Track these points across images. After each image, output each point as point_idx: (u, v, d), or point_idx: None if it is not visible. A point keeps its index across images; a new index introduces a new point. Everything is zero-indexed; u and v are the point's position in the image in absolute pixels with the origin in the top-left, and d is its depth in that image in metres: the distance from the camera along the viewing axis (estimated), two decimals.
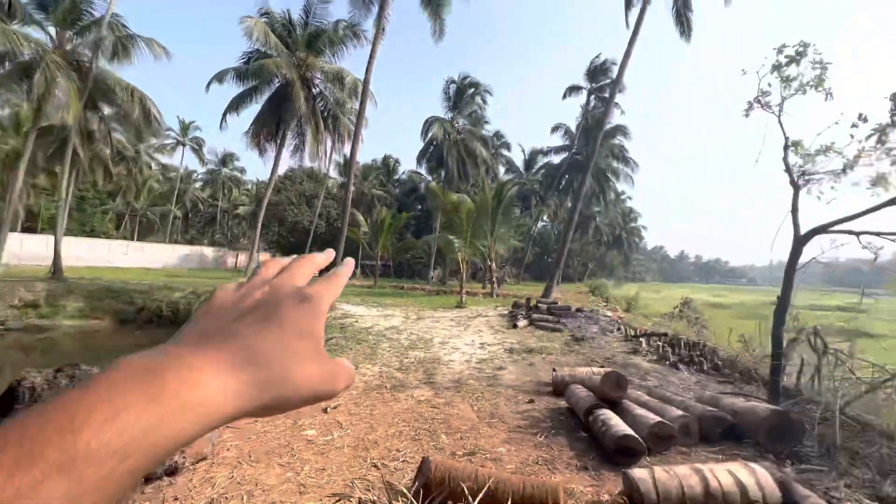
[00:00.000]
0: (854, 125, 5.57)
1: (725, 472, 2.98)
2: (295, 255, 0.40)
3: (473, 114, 30.40)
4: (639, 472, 3.02)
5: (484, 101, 30.60)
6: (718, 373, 7.85)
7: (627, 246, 54.79)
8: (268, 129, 20.76)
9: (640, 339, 9.41)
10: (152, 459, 0.23)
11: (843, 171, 6.07)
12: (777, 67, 6.52)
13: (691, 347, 9.02)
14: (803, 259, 5.91)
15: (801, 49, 6.31)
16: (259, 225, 22.86)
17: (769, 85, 6.49)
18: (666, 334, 9.68)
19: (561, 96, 32.95)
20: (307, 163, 25.13)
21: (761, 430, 4.03)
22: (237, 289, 0.36)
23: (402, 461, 3.68)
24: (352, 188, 17.90)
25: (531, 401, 5.41)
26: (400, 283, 27.50)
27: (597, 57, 30.91)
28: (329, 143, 22.90)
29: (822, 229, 5.66)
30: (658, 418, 4.03)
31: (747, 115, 6.97)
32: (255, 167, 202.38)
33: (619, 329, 11.40)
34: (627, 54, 17.58)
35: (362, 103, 17.12)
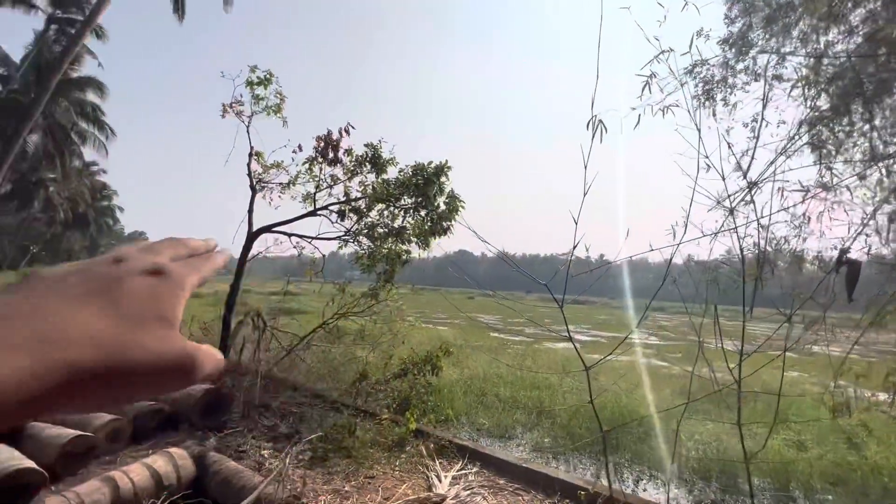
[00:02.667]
0: (294, 151, 7.20)
1: (142, 468, 2.87)
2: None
3: None
4: None
5: None
6: None
7: (96, 228, 45.24)
8: None
9: None
10: None
11: (288, 185, 7.69)
12: (250, 84, 7.39)
13: None
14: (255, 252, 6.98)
15: (268, 76, 7.46)
16: None
17: (241, 96, 7.22)
18: None
19: None
20: None
21: (195, 411, 4.27)
22: (80, 264, 0.27)
23: None
24: None
25: None
26: None
27: None
28: None
29: (267, 229, 6.92)
30: (74, 433, 3.37)
31: (223, 117, 7.45)
32: None
33: None
34: None
35: None
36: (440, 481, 3.51)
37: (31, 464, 2.93)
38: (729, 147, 2.95)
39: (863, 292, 2.82)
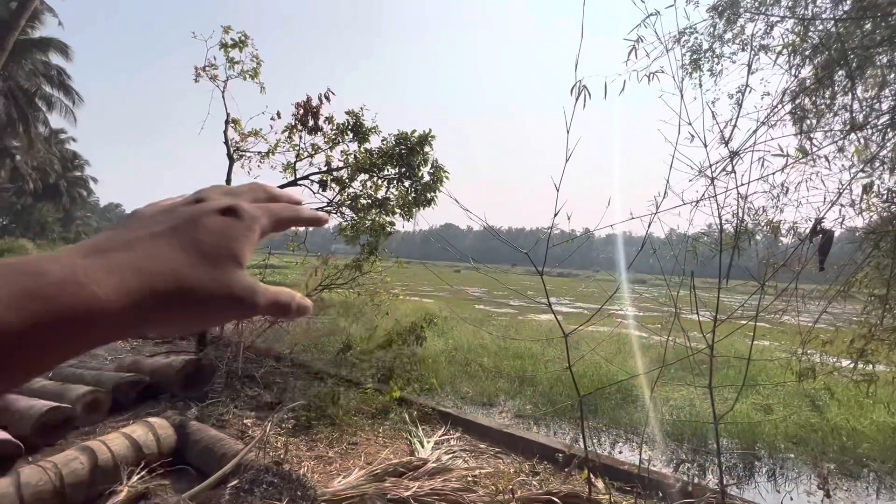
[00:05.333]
0: (273, 119, 6.94)
1: (120, 437, 2.85)
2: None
3: None
4: None
5: None
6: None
7: (68, 199, 43.61)
8: None
9: None
10: (31, 362, 0.20)
11: (267, 154, 7.45)
12: (224, 46, 7.01)
13: None
14: None
15: (243, 38, 7.08)
16: None
17: (214, 58, 6.86)
18: None
19: None
20: None
21: (176, 382, 4.24)
22: (165, 202, 0.31)
23: None
24: None
25: None
26: None
27: None
28: None
29: None
30: (50, 404, 3.32)
31: (196, 81, 7.09)
32: None
33: None
34: None
35: None
36: (423, 446, 3.59)
37: (5, 435, 2.89)
38: (713, 116, 2.93)
39: (834, 263, 2.90)
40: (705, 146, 2.37)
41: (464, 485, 2.69)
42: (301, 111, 6.73)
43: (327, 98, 6.63)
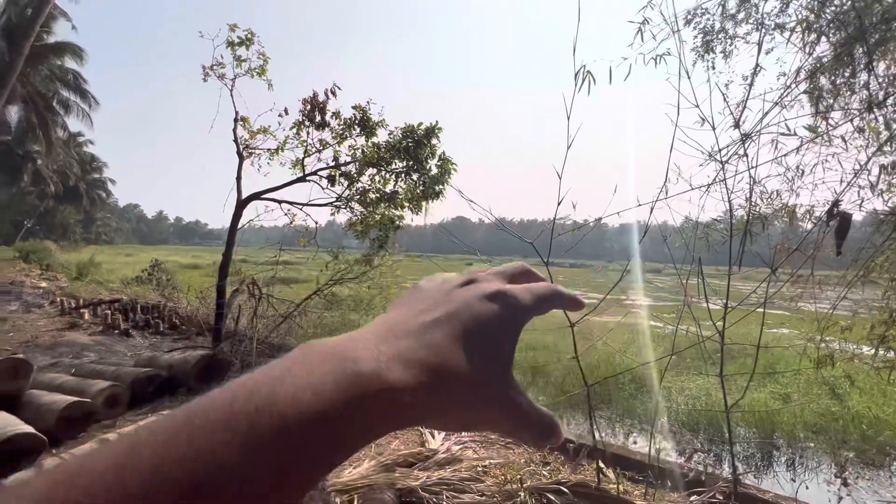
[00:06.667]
0: (280, 115, 6.98)
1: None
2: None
3: None
4: (16, 479, 2.39)
5: None
6: (176, 331, 7.91)
7: (89, 201, 44.72)
8: None
9: (83, 310, 7.89)
10: (346, 447, 0.21)
11: (276, 151, 7.50)
12: (231, 44, 7.06)
13: (150, 311, 8.56)
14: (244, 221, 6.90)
15: (249, 36, 7.12)
16: None
17: (222, 57, 6.92)
18: (119, 300, 8.65)
19: None
20: None
21: (192, 376, 4.34)
22: (442, 280, 0.32)
23: None
24: None
25: None
26: None
27: None
28: None
29: (257, 196, 6.81)
30: (71, 399, 3.43)
31: (205, 80, 7.16)
32: None
33: (52, 303, 9.06)
34: None
35: None
36: (433, 437, 3.61)
37: (29, 429, 2.99)
38: (724, 98, 2.85)
39: (852, 247, 2.81)
40: (713, 129, 2.31)
41: (473, 475, 2.70)
42: (308, 107, 6.75)
43: (333, 93, 6.64)
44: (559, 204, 2.29)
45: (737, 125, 2.61)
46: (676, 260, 2.73)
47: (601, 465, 2.58)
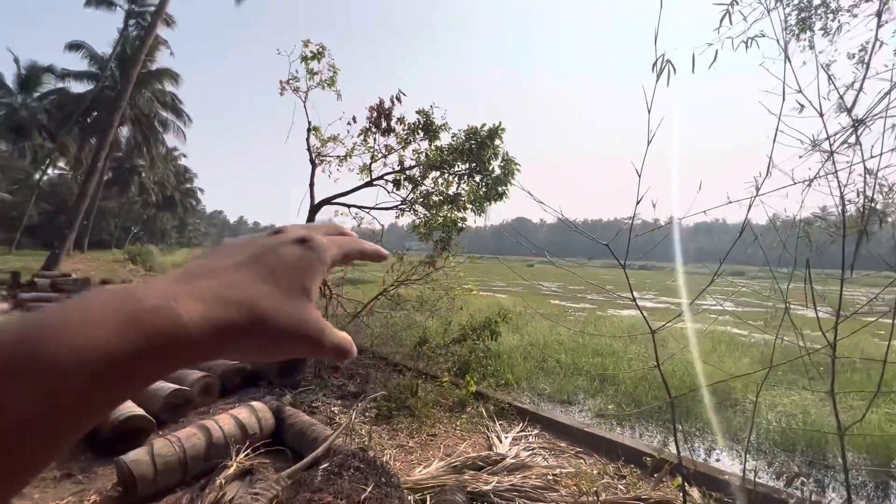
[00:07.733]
0: (349, 123, 7.31)
1: (230, 419, 3.19)
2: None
3: None
4: (134, 455, 2.71)
5: None
6: None
7: (182, 208, 49.98)
8: None
9: None
10: (128, 383, 0.21)
11: (345, 157, 7.87)
12: (304, 59, 7.52)
13: None
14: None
15: (320, 49, 7.54)
16: None
17: (296, 71, 7.38)
18: None
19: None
20: None
21: (272, 371, 4.66)
22: (248, 237, 0.33)
23: None
24: None
25: None
26: None
27: None
28: None
29: (328, 201, 7.18)
30: (174, 387, 3.82)
31: (282, 94, 7.69)
32: None
33: None
34: None
35: None
36: (500, 441, 3.57)
37: (141, 411, 3.38)
38: (829, 80, 2.53)
39: None
40: (821, 116, 2.05)
41: (544, 483, 2.63)
42: (374, 114, 7.00)
43: (398, 99, 6.82)
44: (638, 203, 2.15)
45: (848, 111, 2.30)
46: (763, 262, 2.46)
47: (685, 483, 2.39)
